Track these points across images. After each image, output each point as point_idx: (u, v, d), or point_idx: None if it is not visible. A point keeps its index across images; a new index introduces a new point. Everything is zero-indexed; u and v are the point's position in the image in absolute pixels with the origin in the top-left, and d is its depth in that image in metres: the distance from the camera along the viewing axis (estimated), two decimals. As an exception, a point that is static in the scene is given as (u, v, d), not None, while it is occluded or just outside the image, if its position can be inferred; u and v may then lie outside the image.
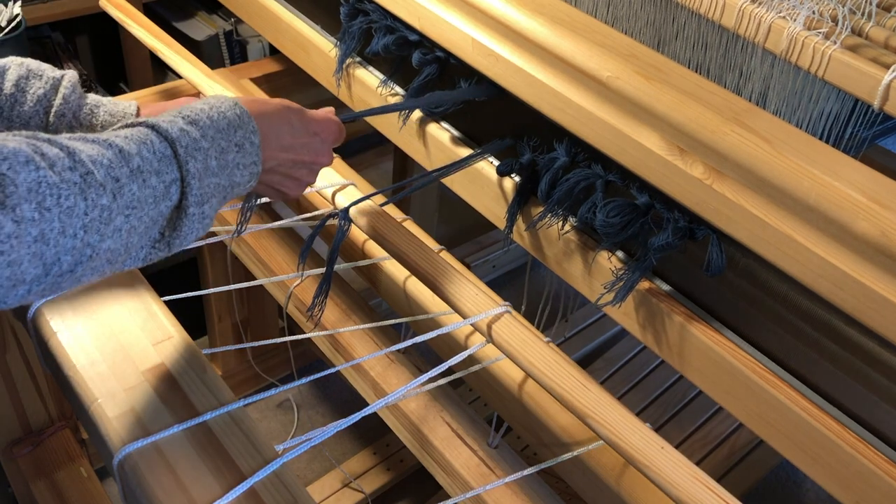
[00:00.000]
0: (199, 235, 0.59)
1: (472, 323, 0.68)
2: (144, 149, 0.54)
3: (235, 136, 0.61)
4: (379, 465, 1.52)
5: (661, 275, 0.72)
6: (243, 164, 0.62)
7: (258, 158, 0.63)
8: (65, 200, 0.47)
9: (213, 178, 0.59)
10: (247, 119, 0.62)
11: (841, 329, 0.60)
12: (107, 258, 0.52)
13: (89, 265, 0.51)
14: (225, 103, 0.62)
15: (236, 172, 0.61)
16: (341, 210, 0.76)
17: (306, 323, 0.94)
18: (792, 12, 0.62)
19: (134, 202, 0.52)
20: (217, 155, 0.59)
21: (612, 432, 0.61)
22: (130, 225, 0.52)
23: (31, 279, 0.47)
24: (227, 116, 0.61)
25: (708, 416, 1.52)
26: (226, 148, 0.60)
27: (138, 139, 0.54)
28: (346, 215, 0.76)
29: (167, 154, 0.55)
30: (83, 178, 0.49)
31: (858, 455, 0.58)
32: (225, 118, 0.61)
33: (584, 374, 0.65)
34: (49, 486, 1.28)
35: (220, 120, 0.61)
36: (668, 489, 0.59)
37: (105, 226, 0.50)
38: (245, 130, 0.62)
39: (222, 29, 1.61)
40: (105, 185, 0.50)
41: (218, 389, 0.69)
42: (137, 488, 0.62)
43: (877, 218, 0.54)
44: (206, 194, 0.58)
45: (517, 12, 0.74)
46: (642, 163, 0.66)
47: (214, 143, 0.59)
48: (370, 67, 0.96)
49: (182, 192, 0.56)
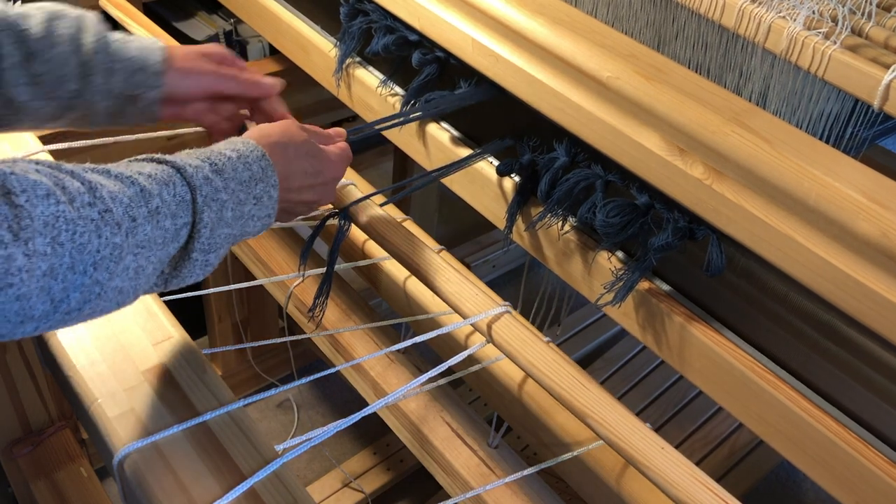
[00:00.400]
0: (199, 279, 0.59)
1: (472, 323, 0.68)
2: (166, 191, 0.54)
3: (255, 189, 0.61)
4: (379, 465, 1.52)
5: (661, 275, 0.72)
6: (258, 216, 0.62)
7: (273, 211, 0.63)
8: (79, 237, 0.47)
9: (226, 229, 0.59)
10: (270, 173, 0.62)
11: (841, 329, 0.60)
12: (116, 298, 0.52)
13: (98, 303, 0.50)
14: (253, 153, 0.62)
15: (249, 223, 0.61)
16: (341, 210, 0.76)
17: (306, 323, 0.94)
18: (792, 12, 0.62)
19: (145, 242, 0.52)
20: (234, 206, 0.59)
21: (612, 432, 0.61)
22: (139, 264, 0.52)
23: (39, 315, 0.47)
24: (252, 169, 0.61)
25: (708, 417, 1.53)
26: (244, 200, 0.60)
27: (162, 180, 0.54)
28: (346, 215, 0.76)
29: (186, 199, 0.55)
30: (101, 216, 0.49)
31: (858, 455, 0.58)
32: (249, 170, 0.61)
33: (584, 374, 0.65)
34: (49, 486, 1.28)
35: (244, 171, 0.60)
36: (668, 489, 0.59)
37: (115, 264, 0.50)
38: (266, 184, 0.62)
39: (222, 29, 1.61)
40: (121, 224, 0.50)
41: (218, 389, 0.69)
42: (137, 488, 0.62)
43: (877, 218, 0.54)
44: (214, 244, 0.58)
45: (517, 12, 0.74)
46: (642, 163, 0.66)
47: (234, 196, 0.59)
48: (370, 67, 0.96)
49: (190, 237, 0.56)
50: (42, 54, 0.66)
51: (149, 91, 0.70)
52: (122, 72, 0.69)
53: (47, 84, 0.67)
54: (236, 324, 1.51)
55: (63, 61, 0.67)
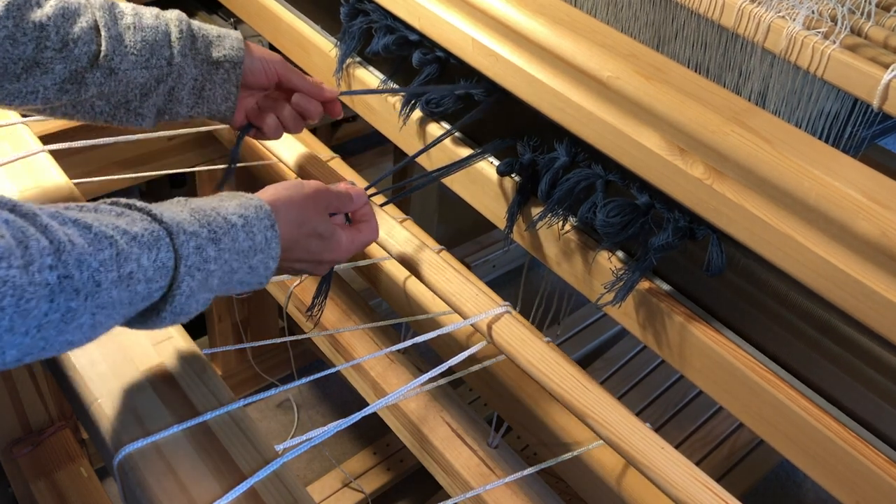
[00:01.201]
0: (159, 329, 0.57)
1: (472, 323, 0.68)
2: (146, 256, 0.51)
3: (252, 260, 0.58)
4: (379, 465, 1.52)
5: (662, 275, 0.72)
6: (248, 282, 0.59)
7: (266, 280, 0.61)
8: (25, 303, 0.45)
9: (206, 294, 0.56)
10: (274, 245, 0.59)
11: (841, 329, 0.60)
12: (64, 348, 0.50)
13: (42, 354, 0.48)
14: (262, 221, 0.58)
15: (236, 288, 0.59)
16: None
17: (306, 323, 0.94)
18: (791, 12, 0.62)
19: (108, 304, 0.49)
20: (223, 275, 0.57)
21: (612, 432, 0.61)
22: (96, 321, 0.50)
23: None
24: (255, 239, 0.58)
25: (708, 416, 1.53)
26: (236, 269, 0.58)
27: (146, 243, 0.51)
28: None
29: (168, 266, 0.53)
30: (59, 280, 0.46)
31: (858, 455, 0.58)
32: (251, 240, 0.58)
33: (584, 374, 0.65)
34: (49, 486, 1.28)
35: (245, 241, 0.57)
36: (668, 489, 0.59)
37: (66, 324, 0.48)
38: (266, 255, 0.59)
39: (222, 29, 1.61)
40: (80, 290, 0.47)
41: (218, 389, 0.69)
42: (137, 488, 0.62)
43: (877, 218, 0.54)
44: (188, 308, 0.55)
45: (517, 12, 0.74)
46: (642, 163, 0.66)
47: (226, 265, 0.56)
48: (370, 67, 0.96)
49: (164, 298, 0.54)
50: (136, 26, 0.70)
51: (232, 54, 0.73)
52: (205, 38, 0.73)
53: (145, 51, 0.70)
54: (236, 324, 1.51)
55: (154, 30, 0.71)
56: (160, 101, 0.72)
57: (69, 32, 0.67)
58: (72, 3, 0.69)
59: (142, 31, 0.70)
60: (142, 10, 0.72)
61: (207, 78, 0.73)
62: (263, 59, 0.75)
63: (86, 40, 0.68)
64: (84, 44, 0.68)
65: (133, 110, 0.72)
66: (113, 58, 0.69)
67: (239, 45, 0.74)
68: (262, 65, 0.75)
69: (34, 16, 0.66)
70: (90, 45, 0.68)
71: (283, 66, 0.76)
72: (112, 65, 0.69)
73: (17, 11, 0.65)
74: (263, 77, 0.76)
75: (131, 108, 0.72)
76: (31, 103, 0.68)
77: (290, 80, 0.77)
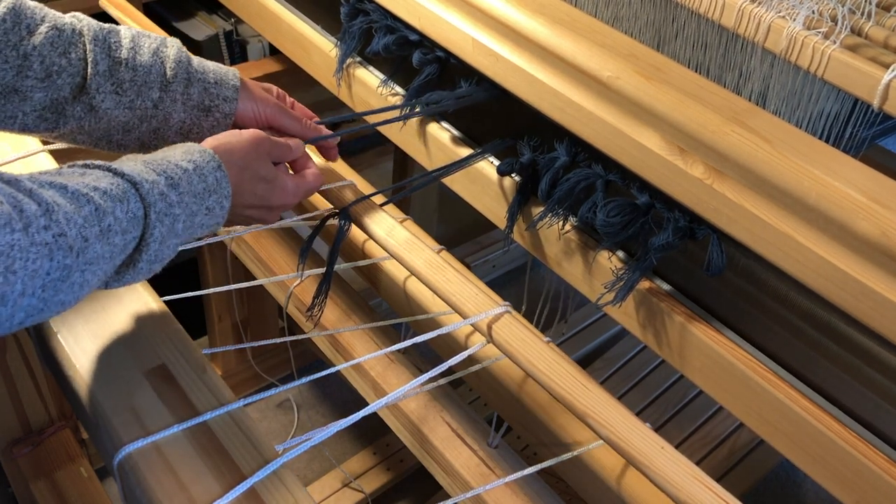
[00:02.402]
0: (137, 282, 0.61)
1: (472, 323, 0.68)
2: (119, 208, 0.54)
3: (208, 201, 0.62)
4: (379, 465, 1.52)
5: (662, 274, 0.72)
6: (207, 224, 0.63)
7: (222, 220, 0.64)
8: (32, 264, 0.47)
9: (174, 240, 0.60)
10: (224, 184, 0.63)
11: (841, 329, 0.60)
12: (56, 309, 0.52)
13: (39, 317, 0.51)
14: (209, 164, 0.62)
15: (197, 231, 0.63)
16: (341, 209, 0.76)
17: (306, 323, 0.94)
18: (791, 12, 0.62)
19: (94, 259, 0.52)
20: (186, 218, 0.60)
21: (612, 432, 0.61)
22: (85, 279, 0.53)
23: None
24: (207, 181, 0.62)
25: (708, 416, 1.53)
26: (196, 212, 0.61)
27: (116, 196, 0.54)
28: (346, 215, 0.76)
29: (139, 216, 0.56)
30: (55, 239, 0.49)
31: (859, 454, 0.58)
32: (204, 182, 0.62)
33: (584, 374, 0.65)
34: (49, 486, 1.28)
35: (199, 183, 0.61)
36: (669, 489, 0.59)
37: (62, 283, 0.50)
38: (219, 195, 0.63)
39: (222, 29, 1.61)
40: (73, 247, 0.50)
41: (218, 389, 0.69)
42: (137, 488, 0.62)
43: (877, 218, 0.54)
44: (161, 255, 0.59)
45: (518, 12, 0.74)
46: (643, 162, 0.66)
47: (187, 209, 0.60)
48: (370, 67, 0.96)
49: (138, 248, 0.57)
50: (129, 62, 0.70)
51: (224, 104, 0.73)
52: (201, 83, 0.72)
53: (130, 91, 0.70)
54: (236, 324, 1.51)
55: (147, 69, 0.70)
56: (144, 137, 0.72)
57: (54, 63, 0.67)
58: (66, 29, 0.68)
59: (133, 70, 0.69)
60: (141, 44, 0.71)
61: (196, 122, 0.73)
62: (256, 104, 0.75)
63: (71, 72, 0.68)
64: (69, 75, 0.68)
65: (115, 142, 0.72)
66: (95, 95, 0.68)
67: (234, 94, 0.73)
68: (254, 110, 0.75)
69: (22, 43, 0.65)
70: (75, 77, 0.68)
71: (276, 112, 0.76)
72: (93, 102, 0.69)
73: (4, 36, 0.65)
74: (253, 122, 0.75)
75: (113, 141, 0.72)
76: (9, 128, 0.68)
77: (281, 125, 0.76)
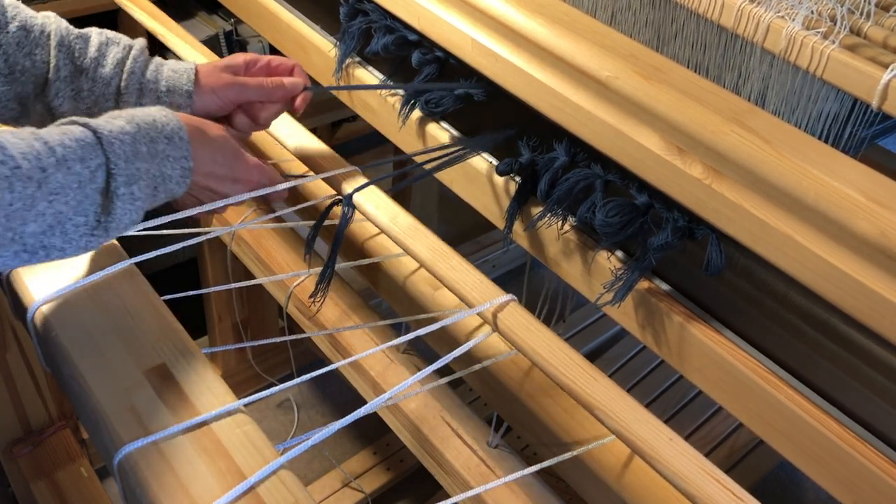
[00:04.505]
0: (135, 220, 0.62)
1: (478, 312, 0.68)
2: (66, 138, 0.57)
3: (165, 130, 0.64)
4: (379, 465, 1.52)
5: (661, 274, 0.72)
6: (173, 156, 0.65)
7: (188, 153, 0.66)
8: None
9: (143, 163, 0.61)
10: (183, 135, 0.65)
11: (840, 329, 0.60)
12: (39, 242, 0.56)
13: (11, 248, 0.54)
14: (171, 122, 0.65)
15: (166, 164, 0.64)
16: (345, 196, 0.76)
17: (306, 323, 0.94)
18: (790, 12, 0.62)
19: (58, 188, 0.56)
20: (146, 142, 0.62)
21: (618, 423, 0.60)
22: (55, 209, 0.56)
23: None
24: (154, 115, 0.64)
25: (708, 416, 1.53)
26: (155, 138, 0.63)
27: (61, 131, 0.58)
28: (349, 201, 0.76)
29: (89, 140, 0.58)
30: (12, 172, 0.53)
31: (858, 455, 0.58)
32: (151, 116, 0.64)
33: (590, 365, 0.64)
34: (49, 486, 1.29)
35: (147, 117, 0.64)
36: (677, 481, 0.58)
37: (27, 211, 0.54)
38: (173, 127, 0.65)
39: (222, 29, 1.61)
40: (32, 177, 0.54)
41: (218, 389, 0.69)
42: (137, 488, 0.62)
43: (876, 218, 0.54)
44: (133, 175, 0.60)
45: (517, 12, 0.74)
46: (641, 163, 0.66)
47: (142, 131, 0.62)
48: (370, 67, 0.96)
49: (109, 173, 0.59)
50: (90, 73, 0.73)
51: (180, 110, 0.74)
52: (153, 93, 0.74)
53: (88, 100, 0.73)
54: (236, 324, 1.51)
55: (107, 82, 0.73)
56: None
57: (18, 62, 0.70)
58: (35, 30, 0.71)
59: (93, 80, 0.73)
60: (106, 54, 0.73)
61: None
62: (216, 95, 0.76)
63: (34, 73, 0.71)
64: (31, 76, 0.71)
65: None
66: (54, 98, 0.72)
67: (187, 100, 0.75)
68: (215, 101, 0.76)
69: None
70: (38, 78, 0.71)
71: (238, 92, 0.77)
72: (52, 104, 0.72)
73: None
74: (219, 110, 0.77)
75: None
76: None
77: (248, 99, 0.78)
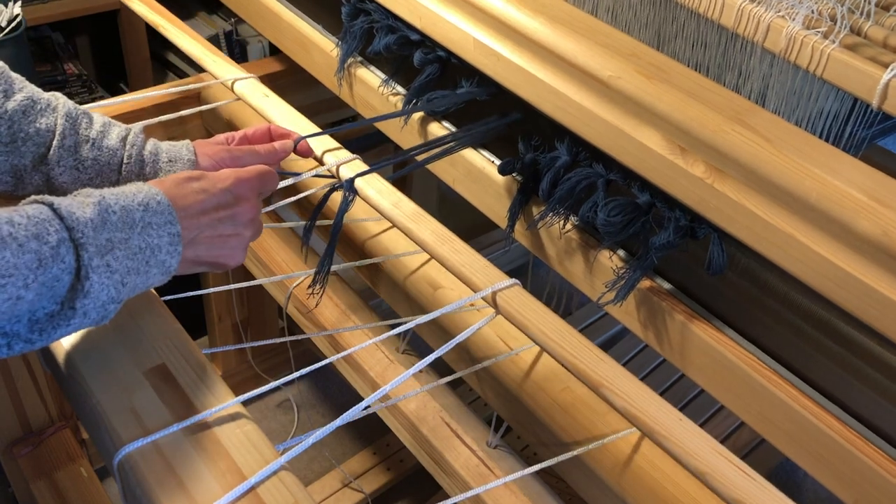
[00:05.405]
0: (116, 298, 0.55)
1: (482, 296, 0.67)
2: (16, 215, 0.51)
3: (137, 197, 0.57)
4: (379, 465, 1.52)
5: (663, 273, 0.72)
6: (156, 223, 0.57)
7: (173, 218, 0.58)
8: None
9: (117, 233, 0.54)
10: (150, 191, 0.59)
11: (841, 327, 0.60)
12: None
13: None
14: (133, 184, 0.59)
15: (149, 232, 0.57)
16: (346, 180, 0.76)
17: (306, 323, 0.94)
18: (791, 11, 0.62)
19: (10, 269, 0.49)
20: (117, 210, 0.55)
21: (628, 402, 0.60)
22: (8, 294, 0.49)
23: None
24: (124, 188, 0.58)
25: (708, 416, 1.52)
26: (127, 206, 0.56)
27: (11, 209, 0.51)
28: (350, 185, 0.76)
29: (44, 216, 0.52)
30: None
31: (859, 453, 0.58)
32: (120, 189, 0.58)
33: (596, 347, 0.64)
34: (49, 486, 1.28)
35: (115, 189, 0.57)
36: (688, 461, 0.57)
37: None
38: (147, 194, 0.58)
39: (222, 29, 1.61)
40: None
41: (218, 389, 0.69)
42: (137, 488, 0.62)
43: (878, 217, 0.54)
44: (104, 246, 0.53)
45: (518, 12, 0.74)
46: (644, 162, 0.66)
47: (106, 200, 0.55)
48: (372, 67, 0.96)
49: (76, 244, 0.52)
50: (95, 142, 0.71)
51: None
52: (154, 164, 0.72)
53: (91, 170, 0.71)
54: (236, 324, 1.51)
55: (112, 152, 0.71)
56: None
57: (22, 129, 0.68)
58: (41, 102, 0.69)
59: (98, 149, 0.71)
60: (110, 130, 0.72)
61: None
62: (212, 158, 0.73)
63: (36, 141, 0.69)
64: (34, 144, 0.69)
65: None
66: (55, 167, 0.69)
67: (189, 167, 0.72)
68: (214, 164, 0.73)
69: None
70: (39, 146, 0.69)
71: (232, 158, 0.73)
72: (51, 174, 0.70)
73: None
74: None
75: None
76: None
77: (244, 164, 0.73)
